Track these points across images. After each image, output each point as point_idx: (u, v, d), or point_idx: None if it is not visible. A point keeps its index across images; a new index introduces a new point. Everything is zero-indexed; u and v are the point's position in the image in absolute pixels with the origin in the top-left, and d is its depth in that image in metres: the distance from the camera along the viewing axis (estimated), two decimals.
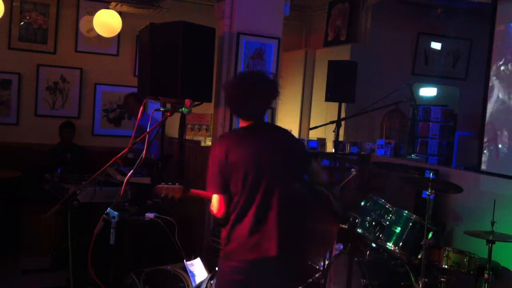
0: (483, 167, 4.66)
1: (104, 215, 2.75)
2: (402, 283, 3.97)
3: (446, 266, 3.75)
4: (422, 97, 7.41)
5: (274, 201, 2.58)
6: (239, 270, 2.57)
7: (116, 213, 2.76)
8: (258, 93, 2.65)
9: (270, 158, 2.62)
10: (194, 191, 2.88)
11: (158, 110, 3.84)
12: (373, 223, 4.04)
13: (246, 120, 2.69)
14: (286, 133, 2.82)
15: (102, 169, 3.00)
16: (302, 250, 2.72)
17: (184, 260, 3.65)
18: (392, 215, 3.99)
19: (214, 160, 2.65)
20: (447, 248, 3.80)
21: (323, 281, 3.78)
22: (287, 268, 2.63)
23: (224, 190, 2.60)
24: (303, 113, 7.01)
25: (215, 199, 2.63)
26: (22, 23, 6.22)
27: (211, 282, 3.49)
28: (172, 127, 5.45)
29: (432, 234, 3.92)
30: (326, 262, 3.80)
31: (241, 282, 2.57)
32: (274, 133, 2.77)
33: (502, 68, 4.61)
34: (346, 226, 4.02)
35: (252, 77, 2.79)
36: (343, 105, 5.98)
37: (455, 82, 7.39)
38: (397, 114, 6.44)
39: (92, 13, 5.98)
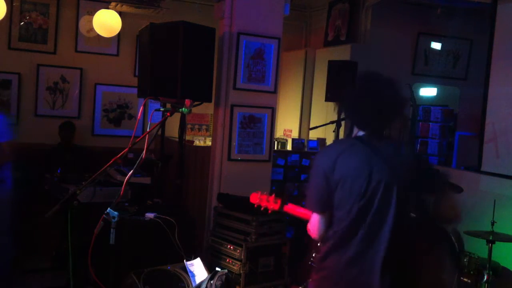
0: (483, 167, 4.66)
1: (104, 215, 2.75)
2: None
3: None
4: (422, 97, 7.40)
5: (385, 228, 2.20)
6: None
7: (116, 213, 2.77)
8: (387, 102, 2.28)
9: (387, 174, 2.22)
10: (290, 207, 2.58)
11: (158, 110, 3.85)
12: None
13: (364, 130, 2.32)
14: (401, 147, 2.41)
15: (102, 169, 3.01)
16: None
17: (184, 260, 3.65)
18: None
19: (318, 172, 2.26)
20: None
21: None
22: None
23: (325, 208, 2.25)
24: (303, 113, 7.00)
25: (313, 218, 2.29)
26: (22, 23, 6.22)
27: (211, 282, 3.49)
28: (172, 127, 5.45)
29: None
30: None
31: None
32: (392, 148, 2.34)
33: (502, 68, 4.61)
34: None
35: (383, 83, 2.34)
36: None
37: (455, 82, 7.38)
38: None
39: (92, 13, 5.98)
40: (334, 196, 2.22)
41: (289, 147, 5.94)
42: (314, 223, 2.28)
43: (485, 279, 3.51)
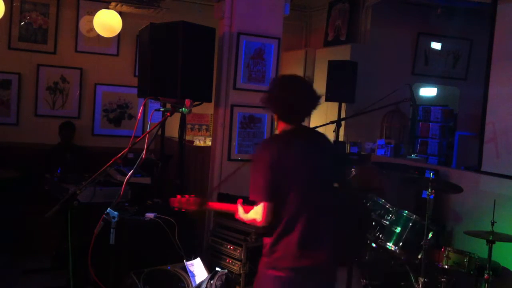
0: (483, 167, 4.66)
1: (104, 215, 2.75)
2: (402, 283, 3.97)
3: (446, 266, 3.75)
4: (422, 97, 7.41)
5: (325, 207, 2.51)
6: (285, 280, 2.45)
7: (116, 213, 2.77)
8: (310, 96, 2.62)
9: (320, 161, 2.56)
10: (211, 204, 2.79)
11: (158, 110, 3.84)
12: (373, 223, 4.04)
13: (290, 123, 2.58)
14: (324, 136, 2.73)
15: (102, 169, 3.00)
16: (341, 257, 2.62)
17: (184, 260, 3.65)
18: (392, 215, 3.99)
19: (263, 165, 2.45)
20: (447, 248, 3.80)
21: None
22: (332, 276, 2.59)
23: (272, 197, 2.43)
24: None
25: (260, 207, 2.44)
26: (22, 23, 6.22)
27: (211, 282, 3.49)
28: (172, 127, 5.45)
29: (432, 234, 3.92)
30: None
31: None
32: (317, 137, 2.69)
33: (502, 68, 4.61)
34: None
35: (303, 81, 2.73)
36: (343, 105, 5.98)
37: (455, 82, 7.39)
38: (397, 114, 6.44)
39: (92, 13, 5.98)
40: (280, 185, 2.43)
41: None
42: (262, 212, 2.45)
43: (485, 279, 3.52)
